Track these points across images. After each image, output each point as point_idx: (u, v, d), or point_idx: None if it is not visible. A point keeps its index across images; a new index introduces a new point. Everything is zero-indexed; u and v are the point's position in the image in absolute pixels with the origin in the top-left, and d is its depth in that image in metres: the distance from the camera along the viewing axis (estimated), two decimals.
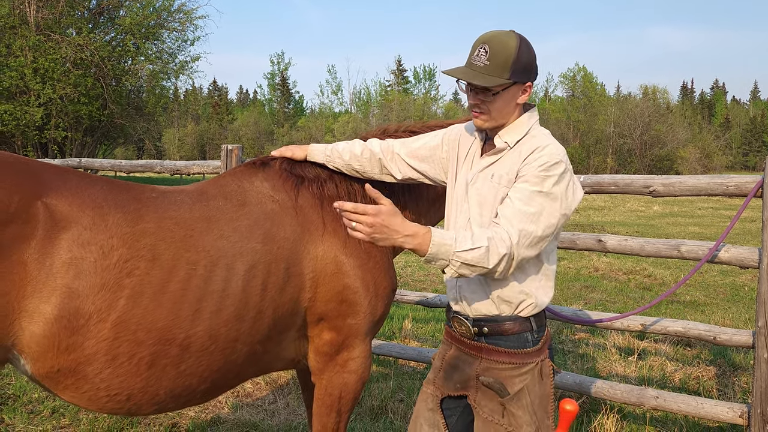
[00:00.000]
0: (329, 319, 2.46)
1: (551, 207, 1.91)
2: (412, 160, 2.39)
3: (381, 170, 2.49)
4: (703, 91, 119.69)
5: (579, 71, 71.55)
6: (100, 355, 2.04)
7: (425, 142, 2.38)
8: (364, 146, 2.51)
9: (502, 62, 1.93)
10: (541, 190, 1.90)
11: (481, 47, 1.97)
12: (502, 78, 1.94)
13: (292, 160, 2.61)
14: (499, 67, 1.93)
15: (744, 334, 3.41)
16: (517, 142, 2.03)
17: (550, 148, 1.95)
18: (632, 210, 23.29)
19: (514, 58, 1.93)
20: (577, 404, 2.05)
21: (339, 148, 2.55)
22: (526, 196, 1.90)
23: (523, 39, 1.98)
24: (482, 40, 1.98)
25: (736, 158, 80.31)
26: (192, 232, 2.22)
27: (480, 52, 1.96)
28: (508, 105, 2.00)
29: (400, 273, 9.45)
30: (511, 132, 2.04)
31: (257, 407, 4.23)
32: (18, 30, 22.53)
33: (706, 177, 3.43)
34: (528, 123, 2.05)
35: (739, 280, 9.32)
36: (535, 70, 2.02)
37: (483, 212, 2.04)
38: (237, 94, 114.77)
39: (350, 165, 2.53)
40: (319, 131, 62.91)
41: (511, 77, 1.94)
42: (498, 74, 1.94)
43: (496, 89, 1.96)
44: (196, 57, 28.46)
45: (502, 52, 1.93)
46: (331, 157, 2.56)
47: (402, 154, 2.42)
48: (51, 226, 2.00)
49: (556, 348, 5.65)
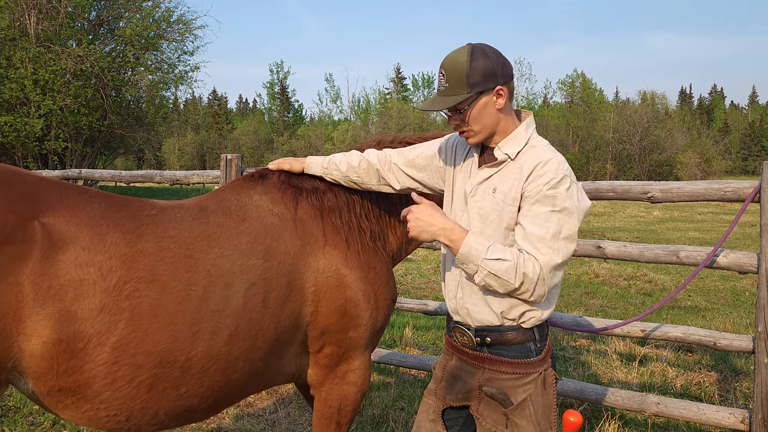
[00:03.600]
0: (331, 333, 2.44)
1: (568, 222, 1.92)
2: (410, 170, 2.40)
3: (379, 181, 2.50)
4: (701, 96, 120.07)
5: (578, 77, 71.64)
6: (99, 378, 2.01)
7: (422, 152, 2.39)
8: (362, 157, 2.51)
9: (458, 79, 1.95)
10: (553, 210, 1.90)
11: (439, 73, 2.01)
12: (462, 94, 1.95)
13: (290, 172, 2.61)
14: (455, 84, 1.96)
15: (744, 339, 3.41)
16: (518, 153, 2.02)
17: (552, 163, 1.94)
18: (632, 215, 23.30)
19: (466, 71, 1.94)
20: (581, 416, 2.04)
21: (336, 160, 2.55)
22: (541, 219, 1.90)
23: (476, 48, 1.97)
24: (441, 66, 2.02)
25: (736, 163, 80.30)
26: (192, 251, 2.18)
27: (440, 78, 2.01)
28: (485, 114, 1.99)
29: (401, 281, 9.44)
30: (511, 143, 2.03)
31: (258, 417, 4.22)
32: (18, 42, 22.59)
33: (704, 183, 3.44)
34: (526, 133, 2.04)
35: (739, 285, 9.31)
36: (502, 73, 1.98)
37: (485, 227, 2.03)
38: (236, 103, 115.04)
39: (348, 176, 2.53)
40: (319, 139, 62.92)
41: (471, 89, 1.95)
42: (457, 92, 1.96)
43: (461, 106, 1.98)
44: (196, 67, 28.47)
45: (454, 69, 1.96)
46: (328, 169, 2.56)
47: (400, 164, 2.43)
48: (48, 246, 1.96)
49: (557, 355, 5.64)
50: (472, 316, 2.07)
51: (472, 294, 2.06)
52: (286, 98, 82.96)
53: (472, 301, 2.06)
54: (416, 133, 2.91)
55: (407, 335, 6.13)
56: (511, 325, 2.03)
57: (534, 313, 2.01)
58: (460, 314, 2.11)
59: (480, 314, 2.05)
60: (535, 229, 1.90)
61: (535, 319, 2.02)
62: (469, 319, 2.08)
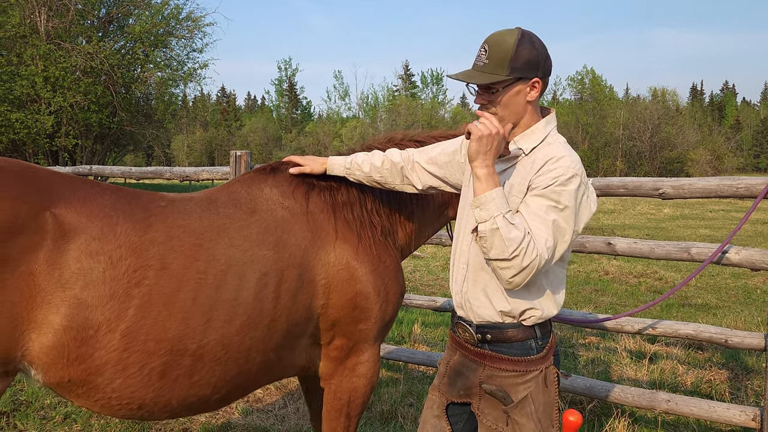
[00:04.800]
0: (341, 325, 2.45)
1: (564, 221, 1.87)
2: (432, 167, 2.39)
3: (402, 180, 2.48)
4: (713, 92, 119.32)
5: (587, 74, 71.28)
6: (110, 365, 2.03)
7: (444, 148, 2.38)
8: (385, 157, 2.49)
9: (500, 59, 1.92)
10: (556, 206, 1.87)
11: (482, 48, 1.98)
12: (500, 74, 1.92)
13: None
14: (496, 64, 1.92)
15: (756, 336, 3.38)
16: (532, 149, 1.99)
17: (565, 160, 1.90)
18: (642, 213, 23.17)
19: (512, 54, 1.91)
20: (580, 415, 2.03)
21: (359, 161, 2.53)
22: (543, 211, 1.86)
23: (525, 34, 1.95)
24: (485, 40, 1.98)
25: (748, 160, 79.72)
26: (201, 240, 2.20)
27: (481, 52, 1.97)
28: (515, 103, 1.97)
29: (409, 277, 9.44)
30: (527, 138, 2.01)
31: (267, 412, 4.24)
32: (29, 39, 22.74)
33: (716, 179, 3.41)
34: (545, 129, 2.01)
35: (751, 283, 9.24)
36: (543, 66, 1.96)
37: None
38: (245, 100, 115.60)
39: (371, 176, 2.51)
40: (327, 136, 63.02)
41: (511, 73, 1.92)
42: (496, 71, 1.93)
43: (496, 87, 1.95)
44: (205, 64, 28.58)
45: (499, 48, 1.93)
46: (351, 169, 2.54)
47: (422, 162, 2.42)
48: (59, 236, 1.99)
49: (566, 352, 5.63)
50: (474, 311, 2.06)
51: (475, 288, 2.05)
52: (295, 95, 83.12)
53: (474, 295, 2.05)
54: (426, 130, 2.90)
55: (416, 332, 6.13)
56: (511, 323, 2.02)
57: (535, 311, 2.00)
58: (464, 309, 2.10)
59: (481, 309, 2.04)
60: (537, 222, 1.85)
61: (536, 317, 2.00)
62: (471, 314, 2.08)
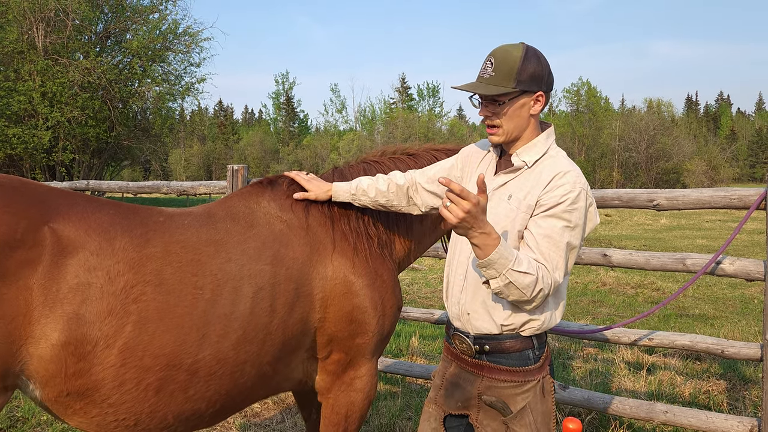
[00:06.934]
0: (338, 339, 2.45)
1: (575, 239, 1.95)
2: (431, 186, 2.42)
3: (408, 201, 2.50)
4: (707, 103, 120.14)
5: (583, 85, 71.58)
6: (107, 381, 2.03)
7: (441, 166, 2.42)
8: (389, 180, 2.52)
9: (507, 71, 1.96)
10: (568, 225, 1.92)
11: (487, 60, 2.01)
12: (507, 87, 1.96)
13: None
14: (503, 76, 1.96)
15: (752, 347, 3.39)
16: (535, 162, 2.03)
17: (571, 175, 1.96)
18: (639, 223, 23.21)
19: (518, 67, 1.95)
20: (580, 423, 2.04)
21: (363, 186, 2.54)
22: (557, 233, 1.91)
23: (530, 49, 2.00)
24: (490, 53, 2.03)
25: (743, 170, 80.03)
26: (199, 256, 2.20)
27: (487, 64, 2.01)
28: (519, 116, 2.01)
29: (407, 290, 9.44)
30: (529, 151, 2.04)
31: (265, 427, 4.22)
32: (26, 55, 22.83)
33: (709, 190, 3.43)
34: (546, 143, 2.05)
35: (748, 293, 9.25)
36: (547, 81, 2.01)
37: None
38: (242, 113, 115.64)
39: (377, 201, 2.53)
40: (324, 149, 63.11)
41: (517, 86, 1.96)
42: (503, 83, 1.96)
43: (502, 99, 1.98)
44: (202, 78, 28.67)
45: (506, 61, 1.96)
46: (356, 195, 2.55)
47: (422, 183, 2.45)
48: (58, 251, 1.99)
49: (564, 364, 5.62)
50: (472, 323, 2.07)
51: (474, 302, 2.06)
52: (292, 108, 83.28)
53: (473, 308, 2.06)
54: (419, 143, 2.93)
55: (414, 345, 6.12)
56: (509, 334, 2.03)
57: (535, 323, 2.01)
58: (461, 321, 2.11)
59: (479, 322, 2.05)
60: (549, 244, 1.91)
61: (535, 328, 2.02)
62: (468, 326, 2.08)
